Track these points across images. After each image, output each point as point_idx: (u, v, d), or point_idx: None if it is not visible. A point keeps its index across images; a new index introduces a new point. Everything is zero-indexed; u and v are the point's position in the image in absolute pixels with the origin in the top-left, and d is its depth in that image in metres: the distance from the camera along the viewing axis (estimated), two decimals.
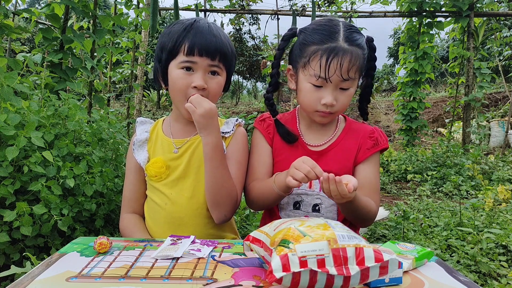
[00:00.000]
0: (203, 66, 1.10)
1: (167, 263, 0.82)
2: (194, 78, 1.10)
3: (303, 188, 1.19)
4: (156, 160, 1.19)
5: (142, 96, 5.79)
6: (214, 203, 1.12)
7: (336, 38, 1.08)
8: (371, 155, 1.19)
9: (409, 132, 6.52)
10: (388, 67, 20.38)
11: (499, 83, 10.89)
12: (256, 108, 10.56)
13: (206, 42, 1.09)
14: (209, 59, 1.09)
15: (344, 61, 1.06)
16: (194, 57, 1.09)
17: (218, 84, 1.14)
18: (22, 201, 1.36)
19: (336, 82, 1.08)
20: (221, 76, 1.15)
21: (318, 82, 1.09)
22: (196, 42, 1.08)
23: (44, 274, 0.75)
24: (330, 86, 1.09)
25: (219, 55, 1.10)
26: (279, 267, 0.64)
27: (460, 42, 6.37)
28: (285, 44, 1.23)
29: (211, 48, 1.09)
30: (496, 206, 3.12)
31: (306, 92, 1.13)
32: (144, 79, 5.61)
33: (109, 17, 2.76)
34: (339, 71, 1.06)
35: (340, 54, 1.06)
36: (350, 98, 1.14)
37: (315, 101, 1.12)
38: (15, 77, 1.49)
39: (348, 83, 1.09)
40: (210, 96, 1.13)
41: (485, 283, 1.98)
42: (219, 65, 1.12)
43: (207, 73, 1.12)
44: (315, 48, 1.09)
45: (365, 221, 1.15)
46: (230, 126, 1.26)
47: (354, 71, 1.08)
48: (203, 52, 1.08)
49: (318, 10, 6.92)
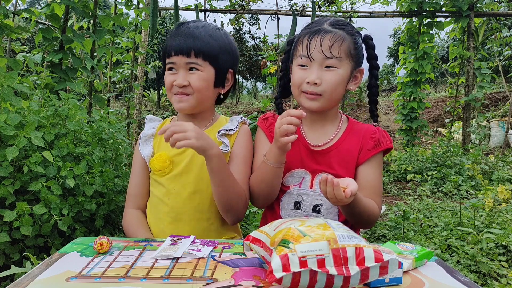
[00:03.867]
0: (181, 64, 1.17)
1: (167, 263, 0.82)
2: (176, 76, 1.18)
3: (304, 188, 1.19)
4: (160, 155, 1.22)
5: (142, 96, 5.79)
6: (226, 209, 1.15)
7: (321, 24, 1.14)
8: (372, 156, 1.18)
9: (409, 132, 6.51)
10: (388, 67, 20.37)
11: (499, 83, 10.88)
12: (256, 108, 10.56)
13: (180, 42, 1.16)
14: (184, 57, 1.16)
15: (325, 38, 1.10)
16: (172, 57, 1.18)
17: (199, 79, 1.18)
18: (22, 201, 1.36)
19: (319, 60, 1.10)
20: (203, 71, 1.18)
21: (302, 61, 1.13)
22: (172, 43, 1.18)
23: (44, 274, 0.75)
24: (314, 65, 1.11)
25: (194, 52, 1.16)
26: (279, 267, 0.64)
27: (460, 42, 6.36)
28: (289, 47, 1.26)
29: (185, 46, 1.16)
30: (496, 206, 3.12)
31: (294, 74, 1.17)
32: (144, 79, 5.60)
33: (109, 17, 2.76)
34: (320, 47, 1.09)
35: (322, 32, 1.11)
36: (337, 79, 1.12)
37: (300, 81, 1.14)
38: (15, 77, 1.49)
39: (332, 61, 1.10)
40: (194, 90, 1.18)
41: (485, 283, 1.98)
42: (196, 62, 1.17)
43: (187, 70, 1.18)
44: (301, 34, 1.16)
45: (366, 224, 1.14)
46: (234, 124, 1.28)
47: (336, 49, 1.10)
48: (178, 52, 1.16)
49: (318, 10, 6.91)
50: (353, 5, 6.97)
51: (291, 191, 1.20)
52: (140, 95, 5.44)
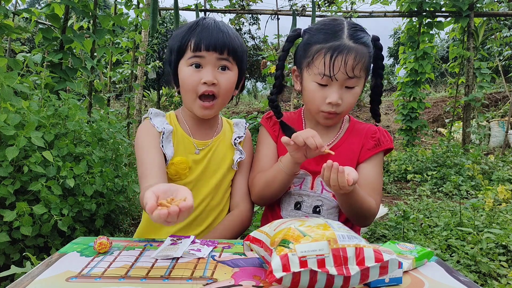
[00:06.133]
0: (212, 61, 1.07)
1: (167, 263, 0.82)
2: (203, 74, 1.07)
3: (305, 189, 1.19)
4: (181, 160, 1.14)
5: (142, 96, 5.79)
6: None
7: (340, 36, 1.07)
8: (372, 155, 1.18)
9: (409, 132, 6.52)
10: (388, 67, 20.36)
11: (499, 83, 10.88)
12: (256, 108, 10.56)
13: (212, 37, 1.06)
14: (217, 53, 1.06)
15: (349, 58, 1.04)
16: (202, 52, 1.06)
17: (229, 80, 1.10)
18: (22, 201, 1.36)
19: (341, 80, 1.07)
20: (232, 71, 1.11)
21: (323, 81, 1.08)
22: (203, 37, 1.06)
23: (44, 274, 0.75)
24: (336, 85, 1.07)
25: (228, 49, 1.07)
26: (279, 267, 0.64)
27: (460, 42, 6.37)
28: (289, 45, 1.22)
29: (219, 42, 1.06)
30: (496, 206, 3.12)
31: (311, 91, 1.12)
32: (144, 79, 5.60)
33: (109, 17, 2.76)
34: (344, 68, 1.04)
35: (345, 51, 1.04)
36: (356, 98, 1.12)
37: (320, 101, 1.10)
38: (15, 77, 1.49)
39: (353, 81, 1.07)
40: (221, 92, 1.10)
41: (485, 283, 1.98)
42: (228, 59, 1.08)
43: (216, 68, 1.08)
44: (319, 46, 1.08)
45: (364, 219, 1.13)
46: (242, 130, 1.26)
47: (359, 69, 1.06)
48: (210, 47, 1.05)
49: (318, 10, 6.91)
50: (353, 5, 6.98)
51: (292, 191, 1.21)
52: (140, 95, 5.44)
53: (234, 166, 1.23)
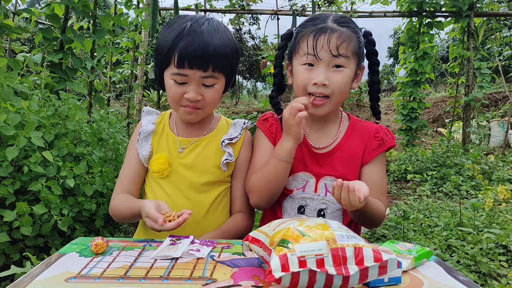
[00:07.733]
0: (195, 78, 1.06)
1: (166, 263, 0.82)
2: (187, 89, 1.07)
3: (308, 192, 1.17)
4: (159, 156, 1.17)
5: (142, 96, 5.79)
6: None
7: (325, 21, 1.10)
8: (376, 156, 1.16)
9: (409, 132, 6.51)
10: (388, 67, 20.36)
11: (499, 83, 10.88)
12: (256, 108, 10.56)
13: (196, 53, 1.03)
14: (200, 71, 1.04)
15: (332, 37, 1.06)
16: (185, 70, 1.05)
17: (214, 93, 1.11)
18: (22, 201, 1.36)
19: (327, 60, 1.06)
20: (218, 84, 1.10)
21: (308, 60, 1.08)
22: (187, 53, 1.03)
23: (43, 275, 0.75)
24: (321, 65, 1.07)
25: (212, 65, 1.05)
26: (278, 267, 0.64)
27: (460, 42, 6.36)
28: (283, 43, 1.22)
29: (204, 58, 1.03)
30: (496, 206, 3.11)
31: (299, 76, 1.11)
32: (144, 79, 5.60)
33: (109, 17, 2.76)
34: (327, 46, 1.05)
35: (328, 31, 1.07)
36: (345, 80, 1.09)
37: (306, 81, 1.09)
38: (15, 77, 1.49)
39: (340, 60, 1.07)
40: (206, 104, 1.11)
41: (485, 283, 1.98)
42: (213, 75, 1.07)
43: (200, 84, 1.08)
44: (304, 31, 1.11)
45: (373, 223, 1.13)
46: (237, 130, 1.23)
47: (344, 48, 1.06)
48: (193, 65, 1.03)
49: (318, 10, 6.91)
50: (353, 5, 6.98)
51: (294, 195, 1.18)
52: (140, 95, 5.45)
53: (222, 166, 1.19)
